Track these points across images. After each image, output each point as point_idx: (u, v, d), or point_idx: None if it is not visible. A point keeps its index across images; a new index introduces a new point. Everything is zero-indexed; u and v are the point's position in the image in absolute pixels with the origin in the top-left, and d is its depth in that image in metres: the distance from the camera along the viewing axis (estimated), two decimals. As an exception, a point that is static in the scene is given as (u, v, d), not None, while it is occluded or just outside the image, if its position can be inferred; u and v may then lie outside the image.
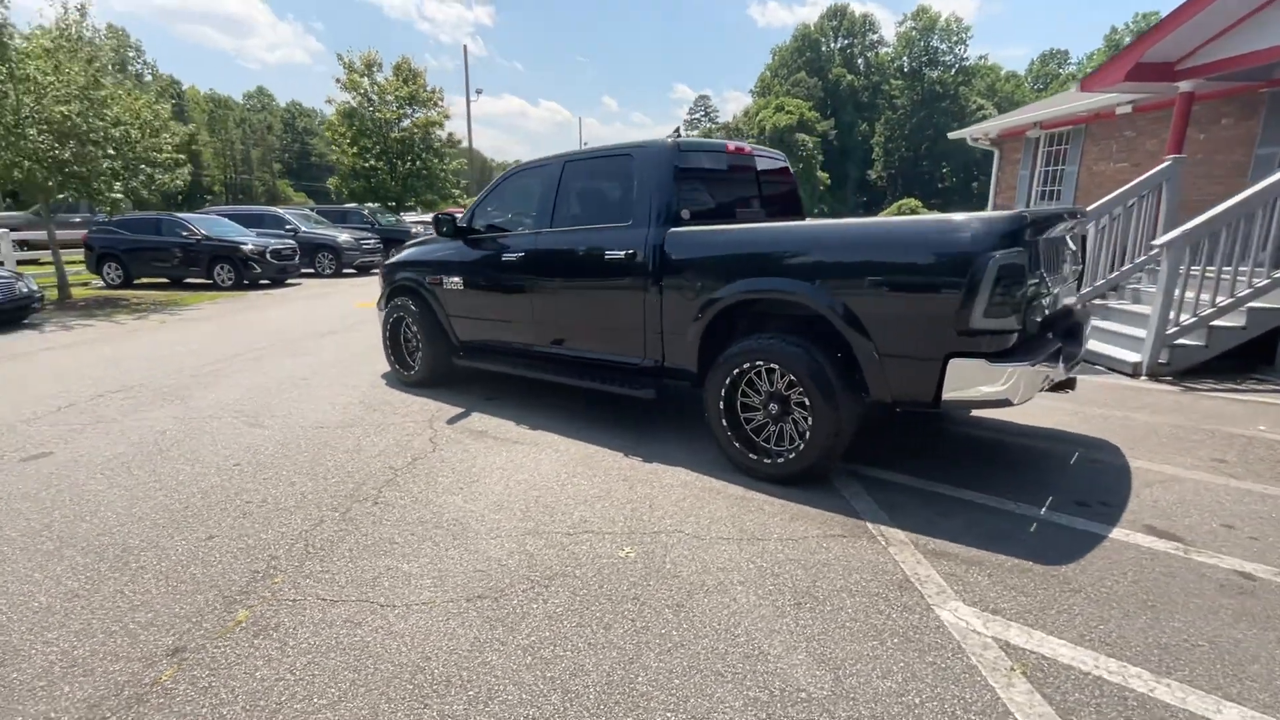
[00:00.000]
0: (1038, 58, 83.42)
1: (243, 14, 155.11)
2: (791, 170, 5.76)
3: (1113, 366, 6.67)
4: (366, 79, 23.59)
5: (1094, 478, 4.04)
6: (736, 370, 4.05)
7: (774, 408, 3.99)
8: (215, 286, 15.47)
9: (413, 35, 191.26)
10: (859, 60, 80.00)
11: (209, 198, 66.61)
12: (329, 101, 23.38)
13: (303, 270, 16.68)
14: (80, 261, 16.88)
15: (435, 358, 6.24)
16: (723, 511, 3.66)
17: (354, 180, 24.08)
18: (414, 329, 6.34)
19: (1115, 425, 5.03)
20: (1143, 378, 6.34)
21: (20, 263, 17.02)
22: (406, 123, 23.98)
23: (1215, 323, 6.21)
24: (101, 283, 15.95)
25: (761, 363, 3.95)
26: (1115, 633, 2.55)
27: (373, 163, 23.56)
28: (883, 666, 2.38)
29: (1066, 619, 2.63)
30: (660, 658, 2.45)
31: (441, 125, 24.52)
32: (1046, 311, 3.79)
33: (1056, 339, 3.88)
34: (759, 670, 2.38)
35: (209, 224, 15.90)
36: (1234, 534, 3.31)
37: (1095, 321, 7.46)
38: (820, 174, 68.06)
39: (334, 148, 24.50)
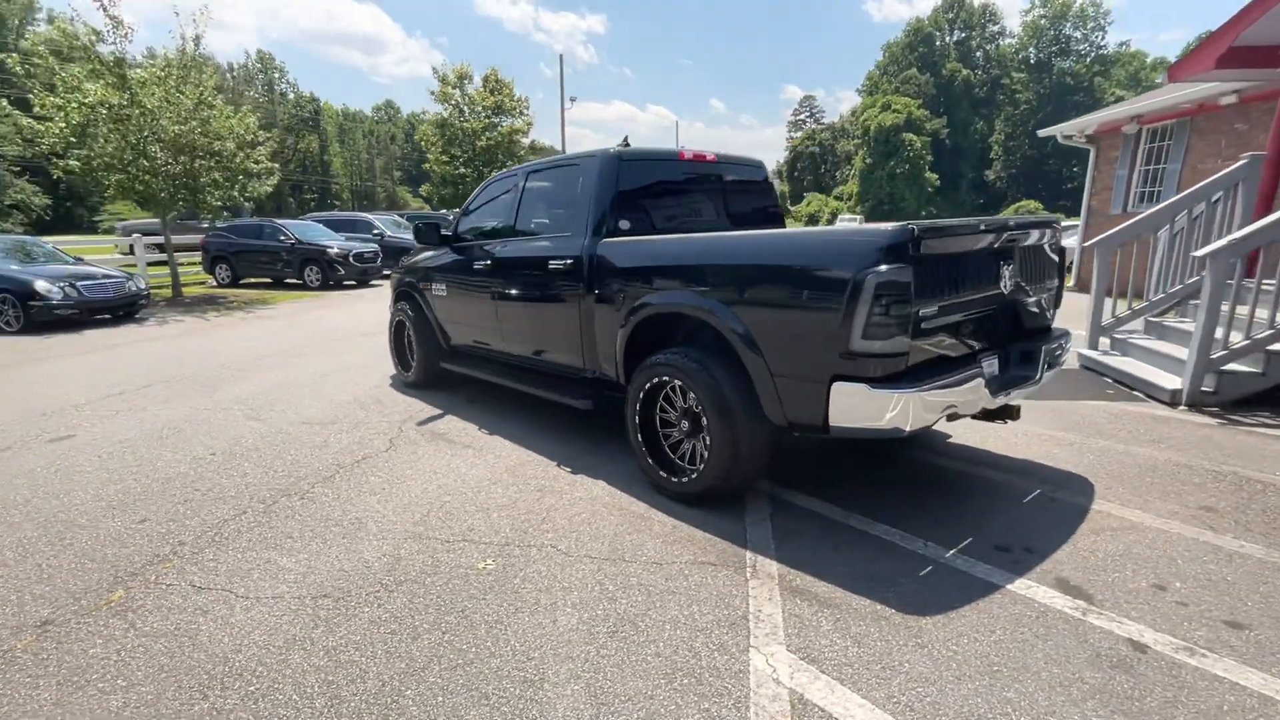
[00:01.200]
0: (1194, 41, 74.95)
1: (377, 33, 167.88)
2: (770, 180, 5.54)
3: (1150, 393, 5.91)
4: (458, 91, 24.85)
5: (1037, 519, 3.62)
6: (649, 384, 3.96)
7: (685, 425, 3.88)
8: (305, 286, 16.86)
9: (529, 46, 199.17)
10: (977, 54, 75.15)
11: (337, 204, 72.49)
12: (424, 113, 24.81)
13: (384, 272, 17.81)
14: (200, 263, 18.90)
15: (428, 360, 6.51)
16: (609, 529, 3.59)
17: (444, 187, 25.45)
18: (410, 333, 6.64)
19: (1109, 460, 4.47)
20: (1181, 407, 5.57)
21: (152, 263, 19.28)
22: (493, 132, 24.99)
23: (1275, 346, 5.36)
24: (214, 282, 17.78)
25: (668, 378, 3.84)
26: (931, 698, 2.28)
27: (460, 170, 24.79)
28: (651, 708, 2.27)
29: (887, 677, 2.39)
30: (443, 674, 2.46)
31: (525, 133, 25.40)
32: (971, 332, 3.44)
33: (991, 361, 3.52)
34: (524, 697, 2.33)
35: (302, 229, 17.34)
36: (1160, 596, 2.87)
37: (1149, 342, 6.63)
38: (929, 175, 64.52)
39: (429, 156, 25.98)
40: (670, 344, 4.13)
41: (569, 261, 4.56)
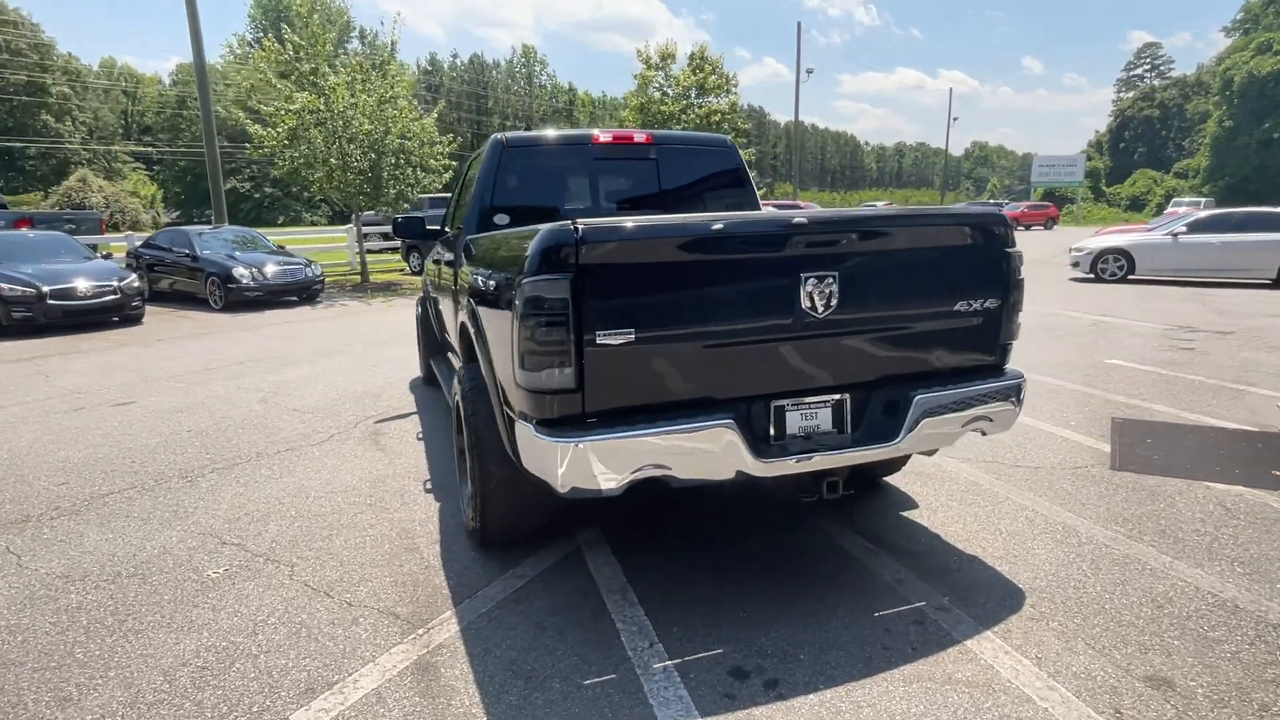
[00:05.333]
0: None
1: (644, 17, 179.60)
2: (734, 156, 4.92)
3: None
4: (661, 72, 25.64)
5: (858, 642, 2.75)
6: (454, 405, 3.83)
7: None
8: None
9: (800, 13, 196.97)
10: None
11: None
12: (624, 97, 26.08)
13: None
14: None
15: (426, 357, 6.97)
16: (360, 559, 3.57)
17: (643, 174, 26.43)
18: (419, 329, 7.16)
19: (1101, 575, 3.19)
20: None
21: (374, 251, 23.08)
22: (689, 113, 25.33)
23: None
24: (408, 269, 20.78)
25: (459, 398, 3.67)
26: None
27: (656, 156, 25.54)
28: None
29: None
30: (50, 671, 2.71)
31: (728, 113, 25.30)
32: (747, 369, 2.74)
33: (809, 412, 2.80)
34: (62, 710, 2.47)
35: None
36: None
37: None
38: (1329, 139, 50.22)
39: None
40: None
41: (450, 259, 4.58)
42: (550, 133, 4.64)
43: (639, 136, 4.69)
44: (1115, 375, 6.98)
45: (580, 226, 2.45)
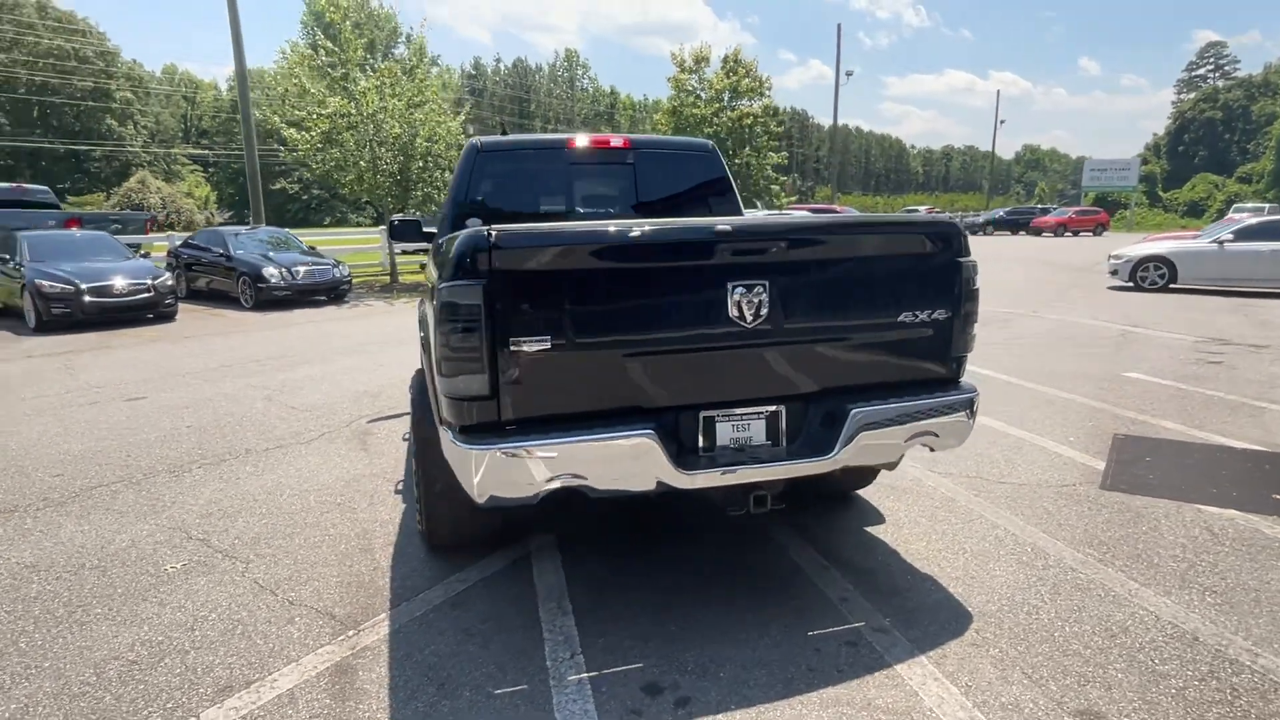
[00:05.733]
0: None
1: (688, 20, 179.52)
2: (716, 161, 4.85)
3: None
4: (693, 76, 25.56)
5: (782, 662, 2.67)
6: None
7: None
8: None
9: (846, 15, 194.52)
10: None
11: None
12: (656, 101, 26.04)
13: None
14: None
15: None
16: (312, 558, 3.61)
17: (675, 178, 26.36)
18: (419, 329, 7.25)
19: (1062, 603, 3.04)
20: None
21: (408, 252, 23.48)
22: (720, 117, 25.19)
23: None
24: (439, 270, 21.11)
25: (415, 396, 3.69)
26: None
27: (687, 160, 25.46)
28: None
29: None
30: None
31: (761, 116, 25.09)
32: (673, 379, 2.69)
33: (741, 424, 2.74)
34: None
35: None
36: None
37: None
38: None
39: (663, 147, 27.20)
40: None
41: (423, 263, 4.61)
42: (526, 137, 4.64)
43: (615, 141, 4.67)
44: (1131, 389, 6.69)
45: (494, 232, 2.44)
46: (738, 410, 2.80)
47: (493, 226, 2.47)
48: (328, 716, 2.44)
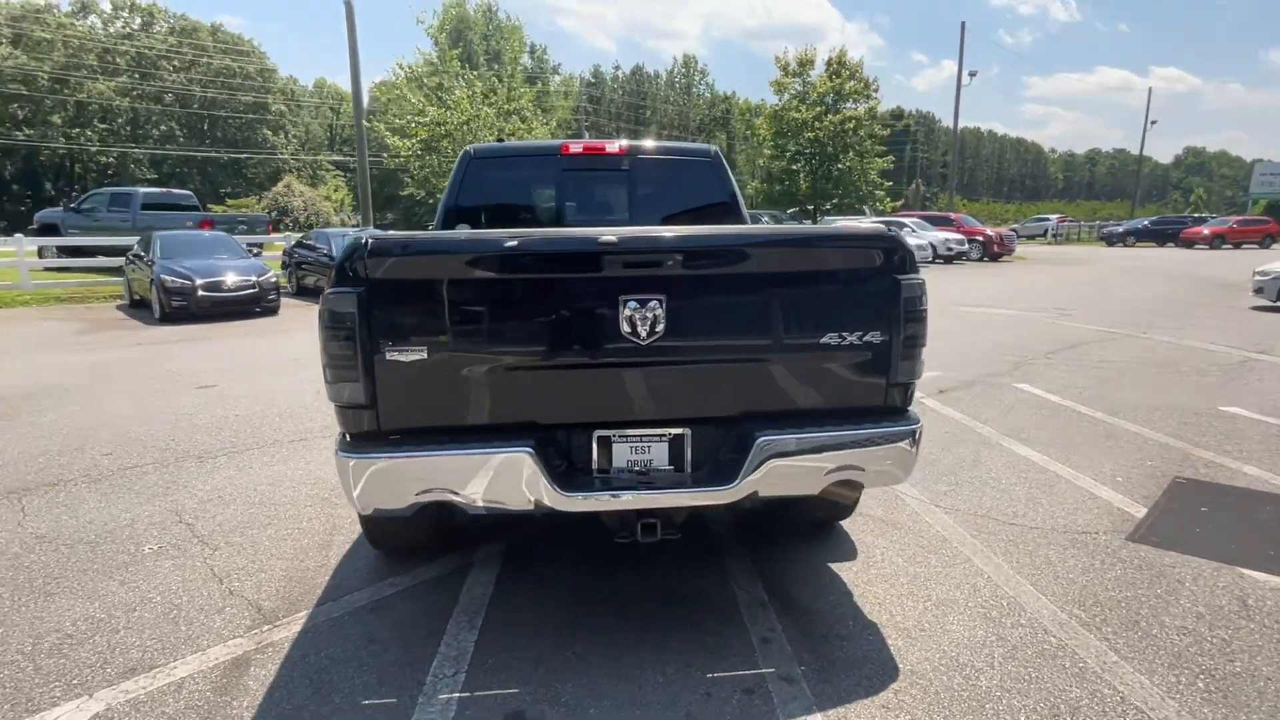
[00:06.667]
0: None
1: (815, 23, 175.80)
2: (718, 168, 4.66)
3: None
4: (797, 79, 24.93)
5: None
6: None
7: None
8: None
9: (986, 13, 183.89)
10: None
11: (734, 201, 79.02)
12: (759, 105, 25.61)
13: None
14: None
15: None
16: (290, 552, 3.75)
17: (774, 183, 25.85)
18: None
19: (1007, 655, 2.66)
20: None
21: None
22: (823, 120, 24.40)
23: None
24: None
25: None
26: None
27: (786, 164, 24.86)
28: None
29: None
30: (-52, 618, 3.11)
31: (866, 119, 24.09)
32: (561, 396, 2.58)
33: (639, 447, 2.62)
34: (-78, 656, 2.82)
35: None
36: None
37: None
38: None
39: (764, 151, 26.72)
40: None
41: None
42: (520, 144, 4.65)
43: (611, 147, 4.58)
44: (1220, 426, 5.85)
45: (368, 240, 2.43)
46: (635, 431, 2.65)
47: (371, 234, 2.46)
48: (202, 708, 2.51)
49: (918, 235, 24.70)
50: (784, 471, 2.59)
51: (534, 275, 2.53)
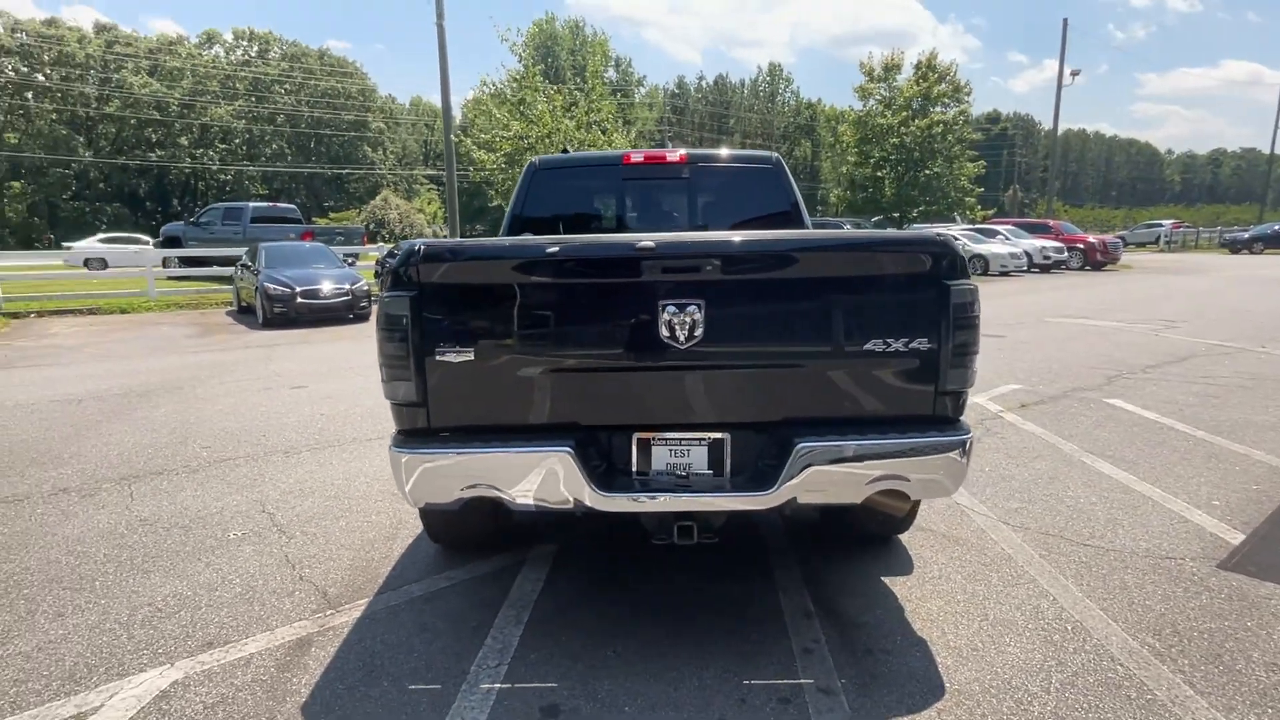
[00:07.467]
0: None
1: (904, 26, 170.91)
2: (779, 174, 4.64)
3: None
4: (882, 84, 24.32)
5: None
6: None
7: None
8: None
9: (1094, 8, 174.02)
10: None
11: (819, 208, 77.61)
12: (843, 111, 25.14)
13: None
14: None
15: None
16: (359, 543, 3.97)
17: (858, 191, 25.28)
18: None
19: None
20: None
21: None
22: (909, 126, 23.67)
23: None
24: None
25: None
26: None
27: (871, 171, 24.25)
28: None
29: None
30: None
31: (957, 123, 23.23)
32: (605, 398, 2.65)
33: (679, 451, 2.67)
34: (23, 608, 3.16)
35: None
36: None
37: None
38: None
39: (847, 158, 26.18)
40: None
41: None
42: (583, 154, 4.77)
43: (672, 156, 4.63)
44: (1343, 449, 5.32)
45: (421, 246, 2.56)
46: (675, 435, 2.68)
47: (425, 240, 2.60)
48: (266, 682, 2.70)
49: (1011, 243, 23.57)
50: (824, 479, 2.55)
51: (575, 280, 2.60)
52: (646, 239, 2.50)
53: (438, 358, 2.59)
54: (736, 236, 2.66)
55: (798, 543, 3.89)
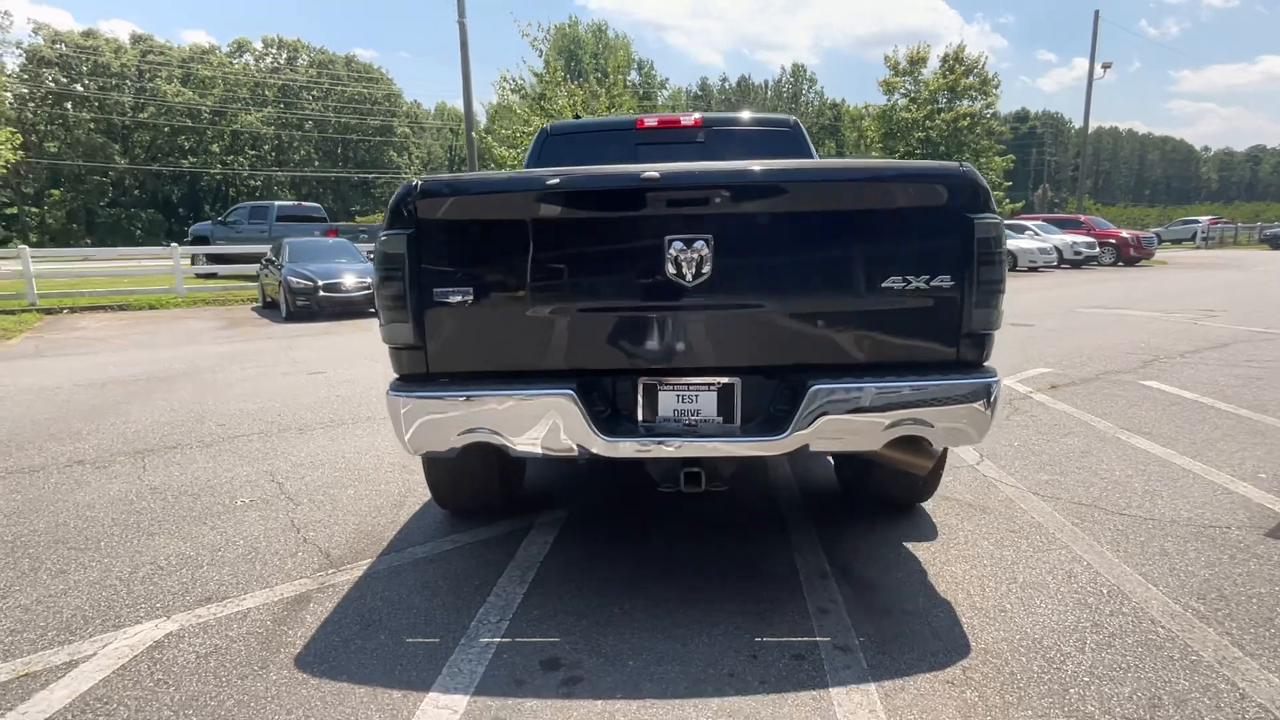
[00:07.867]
0: None
1: (930, 26, 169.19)
2: (798, 136, 4.50)
3: None
4: (907, 78, 23.99)
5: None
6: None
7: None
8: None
9: (1122, 2, 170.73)
10: None
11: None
12: (865, 106, 24.84)
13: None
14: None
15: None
16: (365, 510, 3.91)
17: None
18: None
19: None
20: None
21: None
22: (934, 119, 23.30)
23: None
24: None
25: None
26: None
27: (895, 166, 23.93)
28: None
29: None
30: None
31: (983, 116, 22.81)
32: (616, 339, 2.54)
33: (687, 396, 2.55)
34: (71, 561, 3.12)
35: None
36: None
37: None
38: None
39: (871, 154, 25.85)
40: None
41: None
42: (595, 119, 4.67)
43: (687, 119, 4.51)
44: (1398, 426, 5.04)
45: (419, 183, 2.48)
46: (683, 380, 2.55)
47: (423, 177, 2.51)
48: (261, 635, 2.62)
49: (1041, 237, 23.08)
50: (839, 426, 2.41)
51: (578, 214, 2.49)
52: (651, 169, 2.38)
53: (436, 299, 2.50)
54: (745, 166, 2.53)
55: (815, 509, 3.74)
